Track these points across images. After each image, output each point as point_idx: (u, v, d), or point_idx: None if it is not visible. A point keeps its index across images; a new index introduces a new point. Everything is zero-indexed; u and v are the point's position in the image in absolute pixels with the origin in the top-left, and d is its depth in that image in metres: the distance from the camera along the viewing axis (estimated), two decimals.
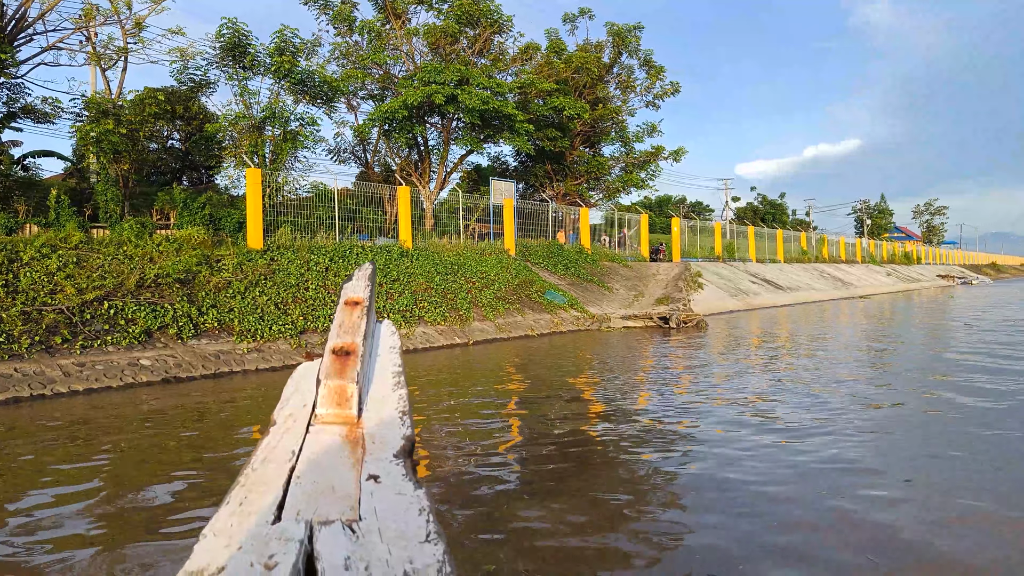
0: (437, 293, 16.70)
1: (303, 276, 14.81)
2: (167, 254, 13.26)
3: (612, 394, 9.12)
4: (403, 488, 1.15)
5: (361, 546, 0.97)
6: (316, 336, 13.17)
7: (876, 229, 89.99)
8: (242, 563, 0.90)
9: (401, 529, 1.02)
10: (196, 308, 12.15)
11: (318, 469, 1.20)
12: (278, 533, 0.98)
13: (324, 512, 1.06)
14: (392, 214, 23.07)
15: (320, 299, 14.25)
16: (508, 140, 26.02)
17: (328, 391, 1.43)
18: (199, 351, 11.26)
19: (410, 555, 0.96)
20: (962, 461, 5.75)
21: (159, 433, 7.22)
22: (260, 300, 13.26)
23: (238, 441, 6.93)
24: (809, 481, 5.22)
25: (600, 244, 29.60)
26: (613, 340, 16.32)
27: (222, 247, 14.80)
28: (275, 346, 12.32)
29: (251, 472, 1.19)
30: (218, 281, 13.11)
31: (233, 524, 1.01)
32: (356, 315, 1.76)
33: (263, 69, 20.60)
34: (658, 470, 5.68)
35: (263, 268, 14.44)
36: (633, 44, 31.50)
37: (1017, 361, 11.19)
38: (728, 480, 5.25)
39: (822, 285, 36.57)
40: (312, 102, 22.73)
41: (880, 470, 5.50)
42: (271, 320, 12.85)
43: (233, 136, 20.85)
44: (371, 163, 30.07)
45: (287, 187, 21.77)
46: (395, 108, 23.17)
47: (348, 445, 1.31)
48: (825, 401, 8.19)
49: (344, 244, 17.02)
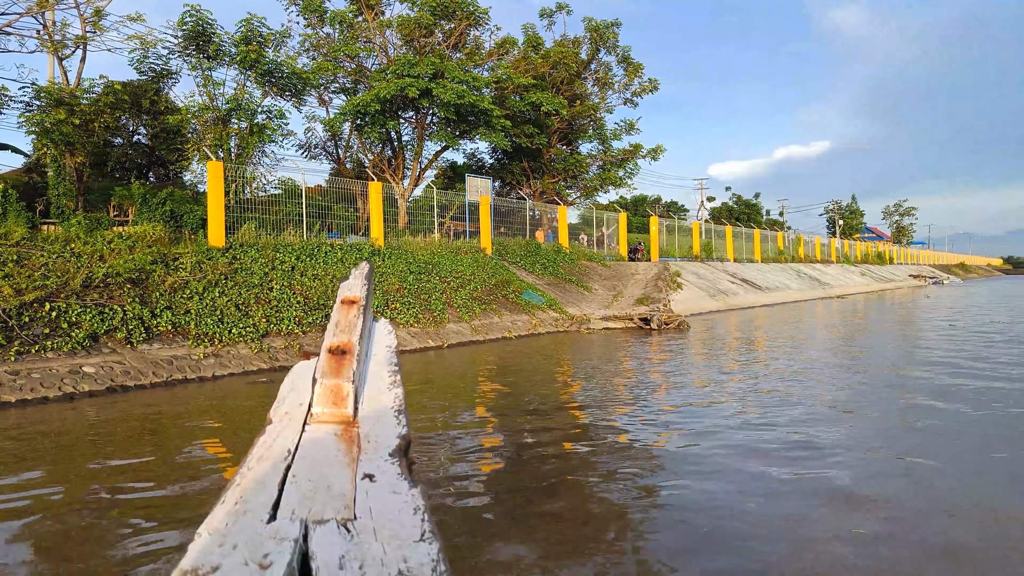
0: (410, 293, 15.97)
1: (267, 276, 13.99)
2: (119, 252, 12.37)
3: (594, 407, 8.50)
4: (398, 487, 1.15)
5: (356, 545, 0.97)
6: (279, 339, 12.37)
7: (848, 229, 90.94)
8: (237, 562, 0.90)
9: (396, 528, 1.02)
10: (149, 310, 11.29)
11: (314, 468, 1.20)
12: (273, 532, 0.98)
13: (319, 511, 1.06)
14: (365, 212, 22.26)
15: (285, 300, 13.44)
16: (484, 136, 25.33)
17: (324, 390, 1.44)
18: (150, 357, 10.41)
19: (404, 554, 0.96)
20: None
21: (97, 452, 6.44)
22: (220, 301, 12.43)
23: (189, 464, 6.17)
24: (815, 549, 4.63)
25: (578, 243, 29.06)
26: (593, 342, 15.73)
27: (180, 245, 13.93)
28: (235, 350, 11.50)
29: (246, 471, 1.19)
30: (174, 281, 12.26)
31: (228, 523, 1.01)
32: (353, 314, 1.75)
33: (228, 59, 19.69)
34: (640, 504, 5.06)
35: (224, 267, 13.60)
36: (611, 40, 31.01)
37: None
38: (717, 526, 4.62)
39: (799, 285, 36.45)
40: (280, 94, 21.84)
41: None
42: (231, 322, 12.03)
43: (197, 129, 19.91)
44: (343, 159, 29.19)
45: (254, 183, 20.91)
46: (367, 101, 22.37)
47: (344, 444, 1.32)
48: (830, 422, 7.65)
49: (312, 242, 16.22)
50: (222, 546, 0.95)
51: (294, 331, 12.76)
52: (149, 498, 5.10)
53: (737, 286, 30.15)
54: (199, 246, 14.17)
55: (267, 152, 22.40)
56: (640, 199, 64.38)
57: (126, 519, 4.66)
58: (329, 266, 15.39)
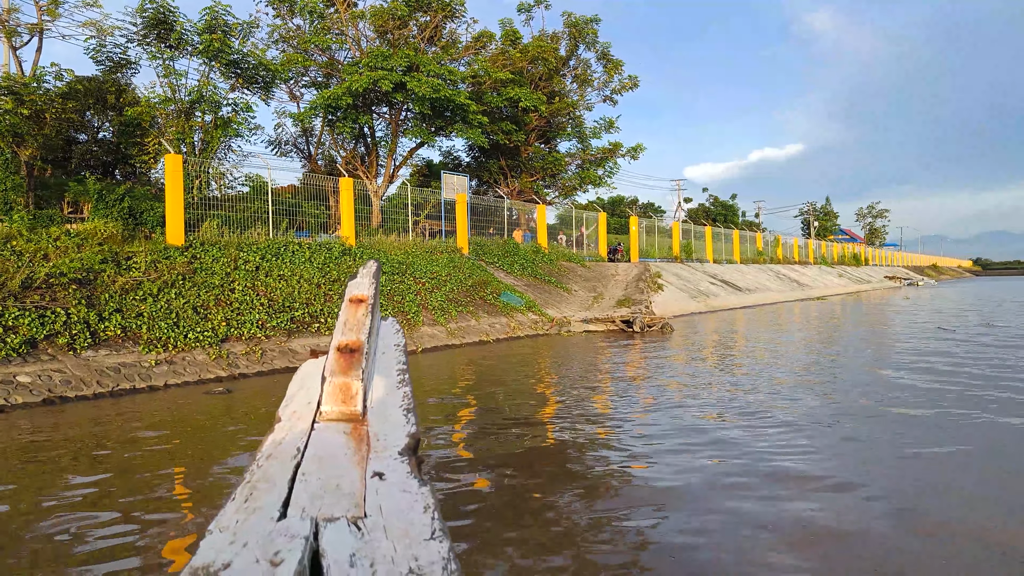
0: (382, 295, 15.17)
1: (229, 276, 13.12)
2: (66, 250, 11.44)
3: (577, 418, 7.83)
4: (408, 485, 1.15)
5: (366, 543, 0.98)
6: (240, 344, 11.52)
7: (822, 231, 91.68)
8: (248, 559, 0.91)
9: (406, 526, 1.02)
10: (96, 313, 10.39)
11: (323, 466, 1.21)
12: (283, 530, 0.98)
13: (329, 509, 1.06)
14: (337, 210, 21.39)
15: (248, 302, 12.59)
16: (461, 132, 24.57)
17: (333, 388, 1.45)
18: (95, 364, 9.53)
19: (415, 552, 0.96)
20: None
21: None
22: (176, 303, 11.54)
23: (105, 497, 5.36)
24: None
25: (557, 243, 28.43)
26: (574, 346, 15.07)
27: (135, 243, 13.01)
28: (190, 356, 10.63)
29: (256, 469, 1.19)
30: (126, 281, 11.35)
31: (238, 520, 1.02)
32: (361, 312, 1.71)
33: (191, 49, 18.72)
34: (625, 538, 4.39)
35: (183, 267, 12.72)
36: (590, 36, 30.43)
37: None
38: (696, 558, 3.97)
39: (779, 286, 36.20)
40: (248, 87, 20.90)
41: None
42: (187, 326, 11.16)
43: (158, 121, 18.92)
44: (314, 156, 28.25)
45: (222, 179, 19.97)
46: (339, 95, 21.50)
47: (353, 442, 1.32)
48: (840, 441, 7.05)
49: (279, 240, 15.35)
50: (233, 543, 0.95)
51: (256, 335, 11.91)
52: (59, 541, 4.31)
53: (718, 287, 29.74)
54: (156, 244, 13.27)
55: (234, 147, 21.53)
56: (617, 200, 64.08)
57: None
58: (296, 266, 14.56)
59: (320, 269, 14.91)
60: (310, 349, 1.93)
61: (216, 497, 5.05)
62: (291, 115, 24.29)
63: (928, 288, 53.16)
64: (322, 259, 15.34)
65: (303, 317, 13.10)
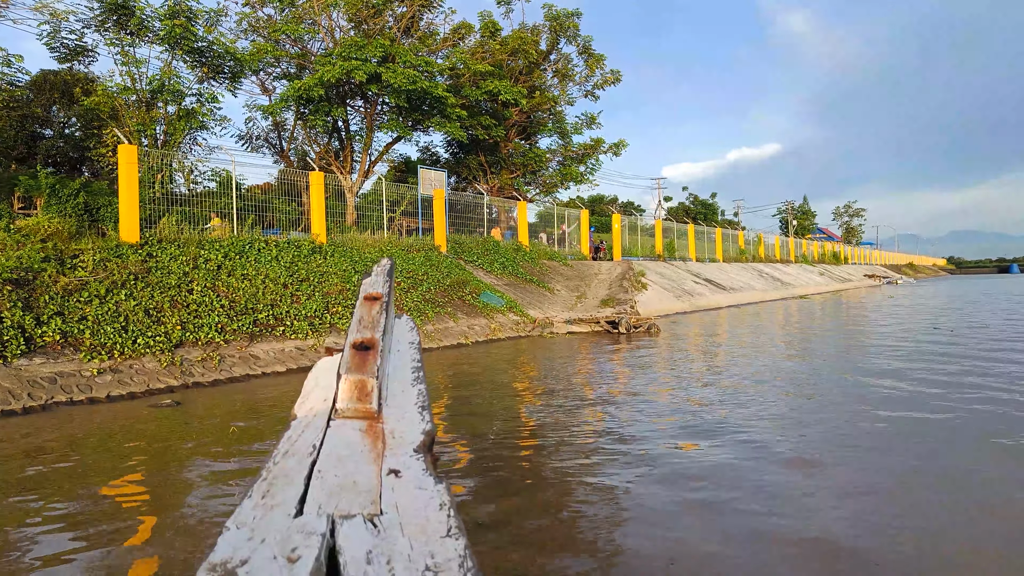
0: (354, 295, 14.27)
1: (187, 275, 12.17)
2: (3, 248, 10.43)
3: (563, 433, 7.05)
4: (424, 483, 1.15)
5: (383, 540, 0.97)
6: (196, 350, 10.58)
7: (800, 230, 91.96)
8: (265, 556, 0.91)
9: (422, 524, 1.02)
10: (33, 316, 9.41)
11: (339, 463, 1.21)
12: (300, 527, 0.98)
13: (346, 506, 1.06)
14: (310, 206, 20.45)
15: (207, 303, 11.65)
16: (439, 127, 23.68)
17: (348, 385, 1.44)
18: (27, 374, 8.56)
19: (431, 549, 0.95)
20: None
21: None
22: (126, 305, 10.58)
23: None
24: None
25: (538, 241, 27.66)
26: (558, 349, 14.30)
27: (83, 240, 12.00)
28: (139, 364, 9.69)
29: (272, 466, 1.19)
30: (69, 282, 10.36)
31: (256, 517, 1.02)
32: (375, 310, 1.73)
33: (152, 36, 17.67)
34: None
35: (136, 266, 11.74)
36: (572, 30, 29.68)
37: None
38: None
39: (762, 285, 35.75)
40: (214, 77, 19.87)
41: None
42: (137, 330, 10.20)
43: (117, 112, 17.83)
44: (287, 151, 27.21)
45: (190, 174, 18.94)
46: (310, 86, 20.53)
47: (369, 439, 1.32)
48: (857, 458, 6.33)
49: (243, 238, 14.40)
50: (251, 540, 0.94)
51: (215, 340, 10.98)
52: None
53: (702, 286, 29.16)
54: (107, 242, 12.27)
55: (200, 140, 20.51)
56: (597, 199, 63.56)
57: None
58: (261, 265, 13.62)
59: (287, 268, 13.99)
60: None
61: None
62: (260, 107, 23.21)
63: (908, 287, 53.19)
64: (290, 257, 14.41)
65: (267, 320, 12.18)
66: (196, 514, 4.63)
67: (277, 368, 11.03)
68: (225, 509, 4.56)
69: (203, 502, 4.90)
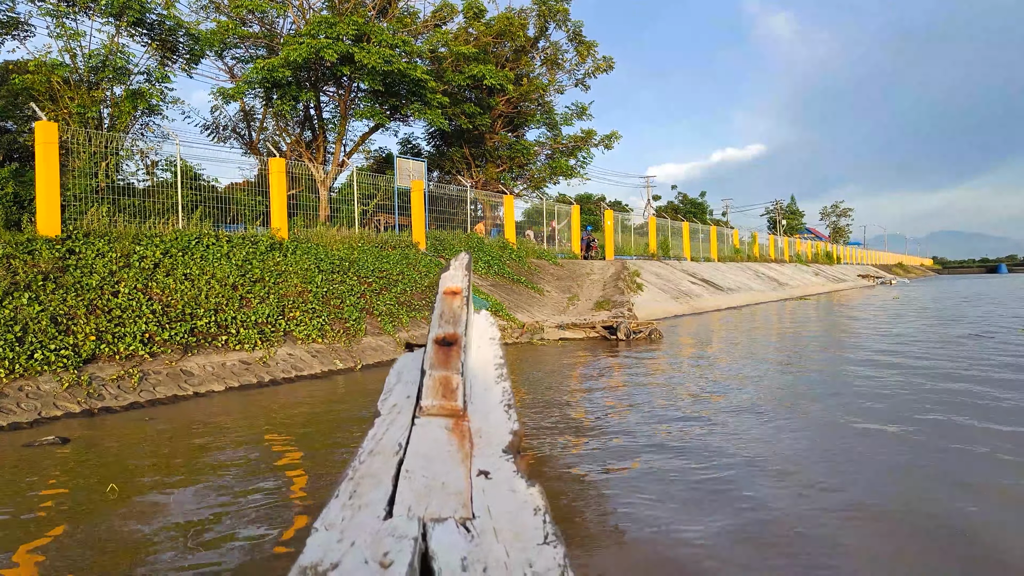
0: (316, 298, 12.42)
1: (114, 275, 10.27)
2: None
3: (551, 471, 5.27)
4: (515, 485, 1.11)
5: (477, 546, 0.92)
6: (112, 366, 8.69)
7: (788, 229, 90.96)
8: (356, 560, 0.86)
9: (517, 529, 0.96)
10: None
11: (427, 463, 1.17)
12: (391, 530, 0.95)
13: (436, 509, 1.03)
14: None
15: (133, 308, 9.75)
16: (419, 114, 21.82)
17: (433, 382, 1.47)
18: None
19: (529, 557, 0.89)
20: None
21: None
22: (27, 311, 8.68)
23: None
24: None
25: (525, 238, 25.87)
26: (549, 359, 12.52)
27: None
28: (31, 386, 7.78)
29: (359, 465, 1.18)
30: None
31: (344, 518, 1.00)
32: (456, 304, 1.72)
33: (94, 5, 15.70)
34: None
35: (50, 263, 9.84)
36: (561, 15, 27.92)
37: None
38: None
39: (760, 286, 34.19)
40: (168, 56, 17.92)
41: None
42: (36, 342, 8.30)
43: (52, 91, 15.85)
44: (256, 142, 25.24)
45: (129, 160, 16.99)
46: (275, 66, 18.62)
47: (455, 439, 1.29)
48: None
49: (190, 232, 12.49)
50: (340, 542, 0.91)
51: (138, 353, 9.08)
52: None
53: (699, 287, 27.50)
54: (18, 236, 10.36)
55: (151, 126, 18.54)
56: (585, 197, 61.93)
57: None
58: (208, 263, 11.73)
59: (239, 267, 12.10)
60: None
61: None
62: (221, 91, 21.23)
63: (903, 287, 51.90)
64: (243, 255, 12.52)
65: (207, 327, 10.29)
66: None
67: (214, 387, 9.15)
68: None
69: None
